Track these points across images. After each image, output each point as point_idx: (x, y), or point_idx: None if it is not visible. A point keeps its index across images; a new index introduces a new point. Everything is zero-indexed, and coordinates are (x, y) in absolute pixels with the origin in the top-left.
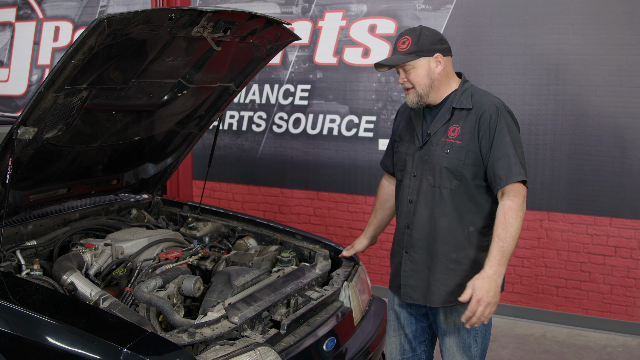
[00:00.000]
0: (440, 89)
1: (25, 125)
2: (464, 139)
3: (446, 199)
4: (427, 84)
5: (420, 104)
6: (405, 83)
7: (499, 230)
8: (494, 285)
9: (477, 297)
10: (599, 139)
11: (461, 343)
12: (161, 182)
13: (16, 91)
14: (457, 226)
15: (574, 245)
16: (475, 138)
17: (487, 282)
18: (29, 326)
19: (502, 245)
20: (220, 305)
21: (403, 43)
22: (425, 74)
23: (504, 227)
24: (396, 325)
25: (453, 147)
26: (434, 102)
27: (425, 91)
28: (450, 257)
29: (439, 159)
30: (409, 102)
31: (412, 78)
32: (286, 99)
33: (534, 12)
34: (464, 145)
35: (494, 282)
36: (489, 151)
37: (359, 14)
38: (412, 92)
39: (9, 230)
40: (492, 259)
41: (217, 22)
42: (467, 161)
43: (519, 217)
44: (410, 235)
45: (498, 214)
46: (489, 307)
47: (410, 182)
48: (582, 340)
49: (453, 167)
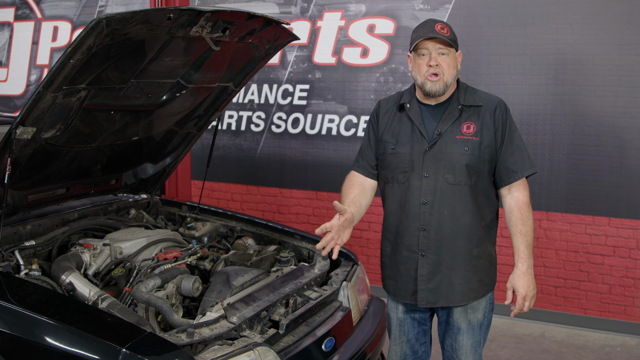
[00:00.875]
0: (453, 85)
1: (24, 125)
2: (481, 136)
3: (467, 196)
4: (454, 75)
5: (440, 94)
6: (437, 67)
7: (519, 226)
8: (531, 279)
9: (522, 294)
10: (598, 138)
11: (474, 341)
12: (160, 182)
13: (15, 91)
14: (477, 222)
15: (573, 245)
16: (492, 134)
17: (525, 279)
18: (27, 326)
19: (526, 240)
20: (219, 305)
21: (442, 28)
22: (454, 65)
23: (523, 222)
24: (398, 333)
25: (472, 144)
26: (442, 99)
27: (449, 82)
28: (473, 253)
29: (458, 156)
30: (434, 90)
31: (445, 64)
32: (285, 98)
33: (533, 12)
34: (482, 141)
35: (530, 276)
36: (501, 146)
37: (358, 14)
38: (440, 79)
39: (8, 230)
40: (521, 255)
41: (215, 22)
42: (486, 157)
43: (531, 210)
44: (427, 237)
45: (512, 210)
46: (533, 299)
47: (422, 183)
48: (581, 340)
49: (473, 163)
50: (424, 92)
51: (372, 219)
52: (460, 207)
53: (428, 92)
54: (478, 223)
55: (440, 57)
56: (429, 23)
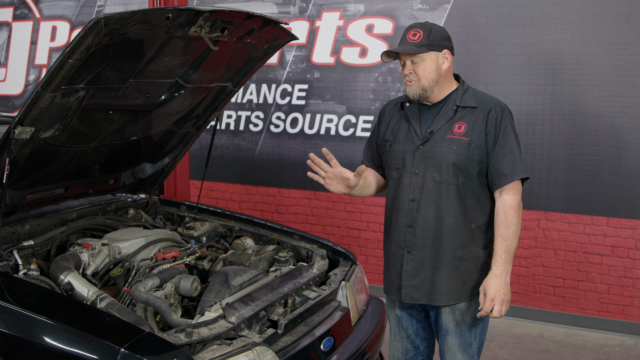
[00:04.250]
0: (444, 86)
1: (23, 125)
2: (471, 136)
3: (453, 195)
4: (434, 78)
5: (422, 97)
6: (411, 75)
7: (501, 230)
8: (504, 284)
9: (491, 296)
10: (596, 138)
11: (463, 341)
12: (158, 181)
13: (13, 91)
14: (463, 222)
15: (571, 244)
16: (483, 135)
17: (497, 282)
18: (26, 326)
19: (506, 245)
20: (217, 305)
21: (414, 35)
22: (434, 68)
23: (506, 226)
24: (397, 330)
25: (460, 144)
26: (435, 99)
27: (430, 85)
28: (456, 254)
29: (445, 155)
30: (411, 94)
31: (419, 71)
32: (283, 98)
33: (532, 12)
34: (471, 141)
35: (503, 281)
36: (493, 148)
37: (356, 14)
38: (416, 84)
39: (6, 230)
40: (497, 259)
41: (214, 22)
42: (474, 157)
43: (518, 215)
44: (413, 234)
45: (498, 213)
46: (504, 304)
47: (412, 180)
48: (580, 339)
49: (460, 163)
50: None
51: (370, 218)
52: (445, 206)
53: (410, 96)
54: (464, 224)
55: (414, 65)
56: (404, 32)
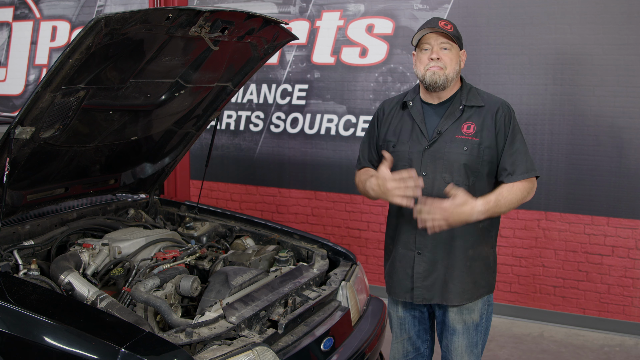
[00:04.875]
0: (455, 84)
1: (23, 125)
2: (481, 136)
3: None
4: (456, 71)
5: (441, 87)
6: (437, 61)
7: (504, 189)
8: (466, 216)
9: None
10: (597, 138)
11: (470, 342)
12: (159, 181)
13: (13, 91)
14: (474, 223)
15: (572, 244)
16: (493, 135)
17: (468, 208)
18: (26, 326)
19: (499, 199)
20: (217, 305)
21: (446, 25)
22: (457, 61)
23: (509, 190)
24: (399, 332)
25: (471, 144)
26: (445, 96)
27: (452, 77)
28: (468, 254)
29: (456, 156)
30: (433, 80)
31: (447, 58)
32: (284, 98)
33: (532, 12)
34: (481, 142)
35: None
36: (503, 147)
37: (357, 14)
38: (441, 71)
39: (6, 230)
40: (487, 199)
41: (214, 22)
42: (485, 158)
43: (523, 194)
44: (423, 235)
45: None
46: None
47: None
48: (580, 339)
49: (471, 163)
50: (424, 84)
51: (370, 219)
52: None
53: (428, 83)
54: (474, 224)
55: (442, 51)
56: (433, 20)
